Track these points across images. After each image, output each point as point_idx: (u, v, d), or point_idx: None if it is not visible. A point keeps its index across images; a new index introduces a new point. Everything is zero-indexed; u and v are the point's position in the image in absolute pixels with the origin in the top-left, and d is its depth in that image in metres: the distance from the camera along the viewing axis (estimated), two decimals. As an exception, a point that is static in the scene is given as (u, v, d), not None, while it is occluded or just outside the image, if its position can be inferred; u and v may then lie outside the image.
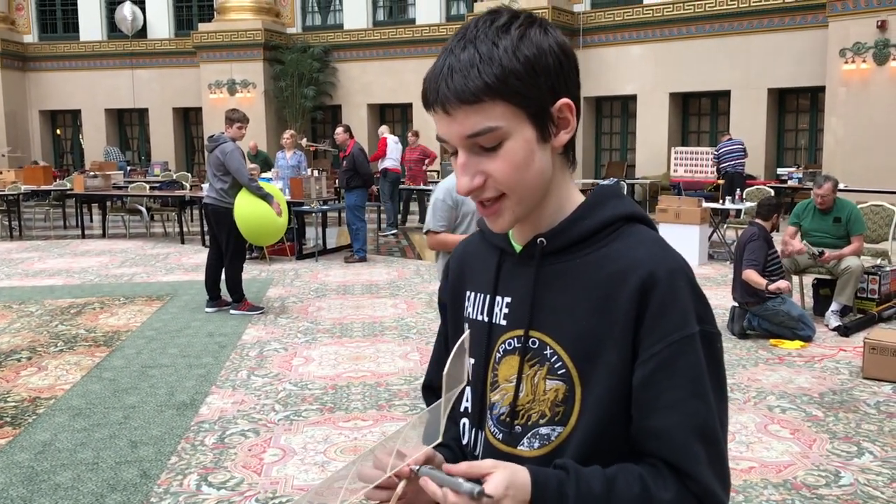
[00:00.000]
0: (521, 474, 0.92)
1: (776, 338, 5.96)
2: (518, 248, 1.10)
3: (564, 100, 1.01)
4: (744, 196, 10.38)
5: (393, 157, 13.15)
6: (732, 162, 13.03)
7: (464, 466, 0.92)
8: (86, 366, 5.54)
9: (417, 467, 0.95)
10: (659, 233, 1.09)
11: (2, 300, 7.92)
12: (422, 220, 14.32)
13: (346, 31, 19.89)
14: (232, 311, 7.14)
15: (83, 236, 13.21)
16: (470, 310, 1.16)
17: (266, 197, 7.03)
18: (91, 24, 21.79)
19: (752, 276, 5.88)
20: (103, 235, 13.26)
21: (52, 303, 7.76)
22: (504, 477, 0.89)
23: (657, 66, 16.62)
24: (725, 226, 10.64)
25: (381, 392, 4.89)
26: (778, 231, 6.43)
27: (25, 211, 15.15)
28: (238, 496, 3.48)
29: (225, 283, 7.18)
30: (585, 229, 1.05)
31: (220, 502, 3.43)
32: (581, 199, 1.10)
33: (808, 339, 5.93)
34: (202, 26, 19.82)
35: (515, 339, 1.08)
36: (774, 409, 4.55)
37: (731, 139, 13.42)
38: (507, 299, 1.10)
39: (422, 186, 13.57)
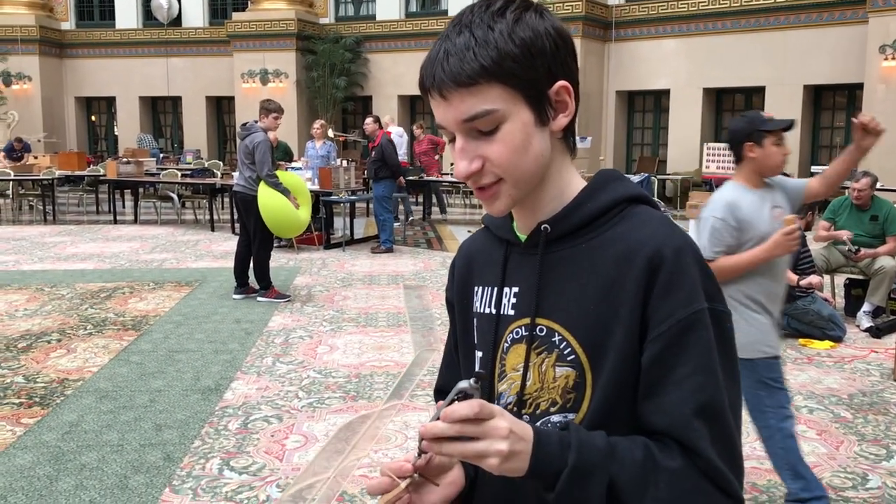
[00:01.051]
0: (521, 421, 0.92)
1: (805, 337, 5.88)
2: (523, 238, 1.10)
3: (562, 82, 1.00)
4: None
5: (399, 151, 13.04)
6: None
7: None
8: (114, 349, 5.61)
9: (416, 476, 0.96)
10: (664, 212, 1.07)
11: (34, 283, 8.05)
12: (442, 210, 14.32)
13: (379, 21, 19.90)
14: (259, 299, 7.20)
15: (115, 222, 13.38)
16: (478, 304, 1.15)
17: (284, 192, 7.07)
18: (127, 12, 22.01)
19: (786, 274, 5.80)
20: (135, 221, 13.42)
21: (83, 286, 7.86)
22: (498, 406, 0.88)
23: (691, 60, 16.43)
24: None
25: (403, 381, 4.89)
26: (811, 230, 6.33)
27: (59, 196, 15.37)
28: (259, 481, 3.51)
29: (253, 271, 7.23)
30: (588, 213, 1.05)
31: (241, 487, 3.46)
32: (583, 184, 1.09)
33: (838, 339, 5.83)
34: (236, 15, 19.94)
35: (523, 328, 1.07)
36: (802, 409, 4.48)
37: None
38: (515, 289, 1.09)
39: (436, 178, 13.55)
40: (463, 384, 0.86)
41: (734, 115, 17.05)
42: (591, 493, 0.90)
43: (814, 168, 14.71)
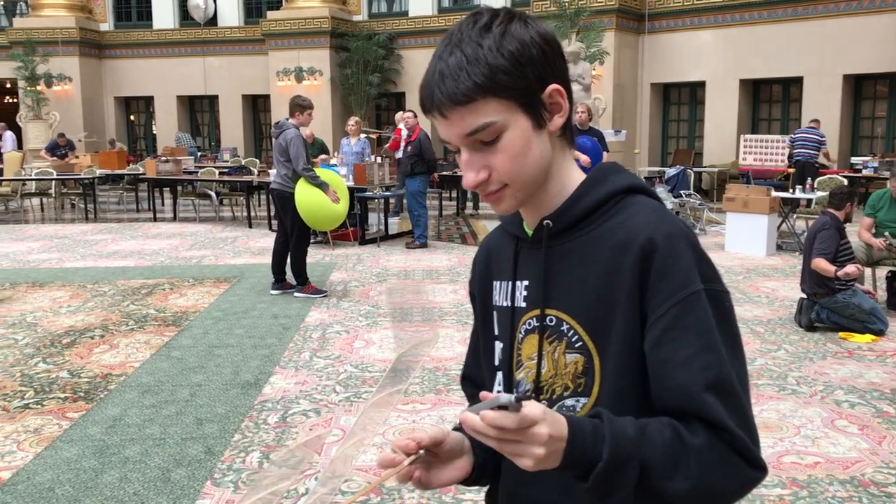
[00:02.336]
0: (557, 413, 0.93)
1: (846, 331, 5.79)
2: (530, 233, 1.16)
3: (553, 85, 1.05)
4: (815, 185, 10.09)
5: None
6: (805, 150, 12.60)
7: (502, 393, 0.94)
8: (155, 344, 5.71)
9: (422, 452, 1.01)
10: (661, 202, 1.12)
11: (77, 280, 8.22)
12: (475, 206, 14.34)
13: (412, 18, 19.95)
14: (296, 294, 7.27)
15: (155, 219, 13.59)
16: (497, 298, 1.22)
17: (321, 185, 7.12)
18: (164, 13, 22.32)
19: (821, 263, 5.73)
20: (174, 219, 13.62)
21: (125, 283, 8.01)
22: (541, 405, 0.90)
23: (727, 51, 16.22)
24: (795, 216, 10.36)
25: (439, 376, 4.92)
26: (850, 221, 6.23)
27: (100, 194, 15.65)
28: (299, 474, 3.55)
29: (290, 267, 7.31)
30: (587, 206, 1.10)
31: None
32: (582, 177, 1.14)
33: (879, 333, 5.74)
34: (271, 14, 20.11)
35: (534, 319, 1.13)
36: (842, 403, 4.43)
37: (813, 128, 12.86)
38: (526, 282, 1.15)
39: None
40: (504, 399, 0.87)
41: (771, 106, 16.83)
42: (625, 482, 0.93)
43: (853, 159, 14.46)
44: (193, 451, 3.82)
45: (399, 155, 12.28)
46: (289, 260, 7.32)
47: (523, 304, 1.15)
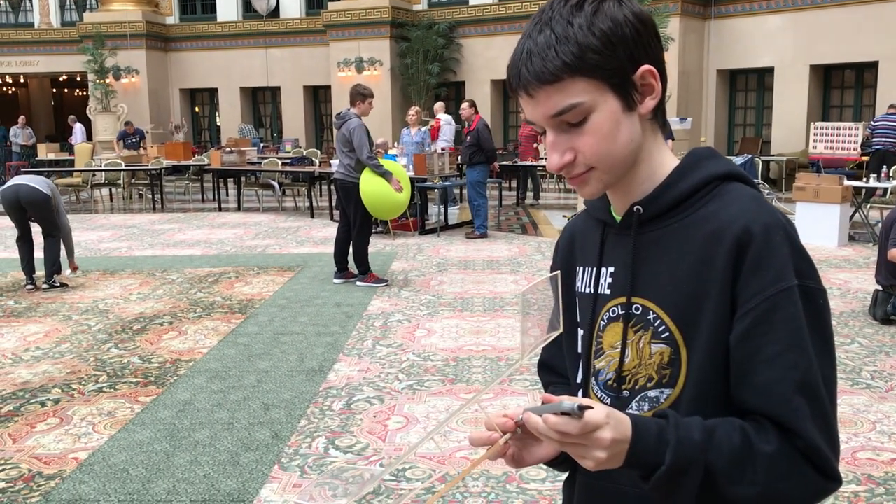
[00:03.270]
0: (623, 414, 0.93)
1: (924, 324, 5.59)
2: (618, 219, 1.12)
3: (645, 66, 1.02)
4: (890, 174, 9.74)
5: (446, 138, 12.90)
6: (887, 138, 12.09)
7: (565, 396, 0.92)
8: (222, 331, 5.82)
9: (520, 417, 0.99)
10: (759, 190, 1.08)
11: (146, 268, 8.43)
12: (536, 196, 14.26)
13: (472, 6, 19.86)
14: (358, 283, 7.33)
15: (219, 209, 13.86)
16: (579, 284, 1.19)
17: (385, 174, 7.15)
18: (227, 6, 22.69)
19: (893, 256, 5.53)
20: (238, 209, 13.86)
21: (192, 271, 8.18)
22: (605, 408, 0.90)
23: (796, 36, 15.74)
24: (869, 205, 10.03)
25: (501, 366, 4.91)
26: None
27: (166, 185, 16.02)
28: (363, 460, 3.59)
29: (352, 256, 7.37)
30: (680, 193, 1.06)
31: (346, 464, 3.54)
32: (675, 163, 1.10)
33: (960, 326, 5.52)
34: (332, 5, 20.26)
35: (619, 307, 1.10)
36: (921, 399, 4.27)
37: (893, 114, 12.35)
38: (611, 269, 1.12)
39: (530, 162, 13.49)
40: (566, 407, 0.87)
41: (843, 92, 16.30)
42: (687, 485, 0.93)
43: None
44: (261, 436, 3.88)
45: (439, 145, 12.23)
46: (351, 249, 7.38)
47: (607, 292, 1.12)
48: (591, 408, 0.88)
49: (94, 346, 5.52)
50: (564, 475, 1.23)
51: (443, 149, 12.32)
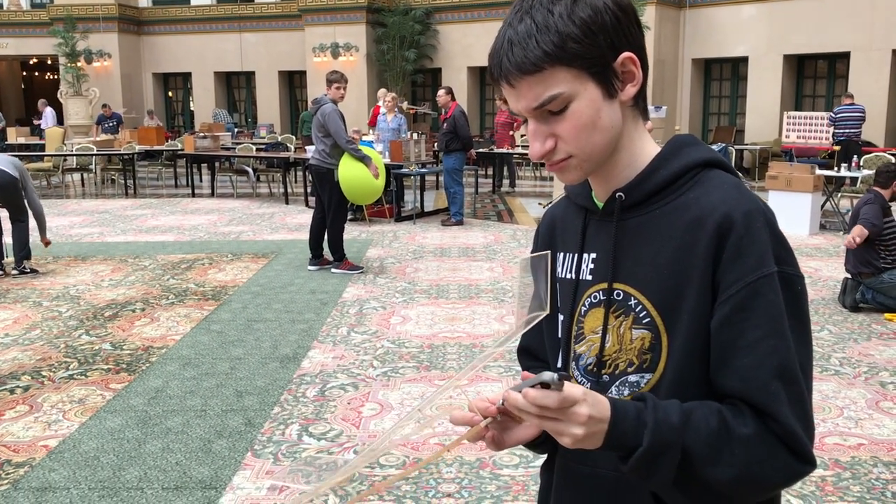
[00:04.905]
0: (601, 396, 0.94)
1: (891, 312, 5.68)
2: (600, 205, 1.13)
3: (626, 53, 1.02)
4: (860, 163, 9.86)
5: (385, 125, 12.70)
6: (849, 129, 12.30)
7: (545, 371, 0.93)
8: (195, 318, 5.78)
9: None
10: (739, 177, 1.08)
11: (118, 254, 8.34)
12: (512, 183, 14.28)
13: (448, -8, 19.78)
14: (333, 270, 7.31)
15: (193, 195, 13.73)
16: (560, 270, 1.19)
17: (364, 159, 7.12)
18: (201, -11, 22.42)
19: (859, 230, 5.62)
20: (212, 195, 13.74)
21: (164, 258, 8.11)
22: (582, 387, 0.91)
23: (771, 26, 15.86)
24: (839, 194, 10.15)
25: (476, 353, 4.92)
26: (895, 201, 6.09)
27: (139, 170, 15.83)
28: (337, 447, 3.59)
29: (327, 243, 7.34)
30: (661, 180, 1.07)
31: (320, 452, 3.54)
32: (656, 150, 1.11)
33: (927, 314, 5.62)
34: (307, -10, 20.09)
35: (600, 292, 1.10)
36: (887, 385, 4.34)
37: (852, 104, 12.58)
38: (593, 255, 1.13)
39: (507, 150, 13.47)
40: (547, 377, 0.88)
41: (816, 82, 16.45)
42: (665, 467, 0.94)
43: (901, 136, 14.11)
44: (234, 423, 3.86)
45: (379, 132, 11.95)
46: (326, 236, 7.35)
47: (589, 277, 1.13)
48: (570, 377, 0.89)
49: (64, 332, 5.46)
50: (539, 461, 1.24)
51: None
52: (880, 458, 3.44)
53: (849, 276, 5.93)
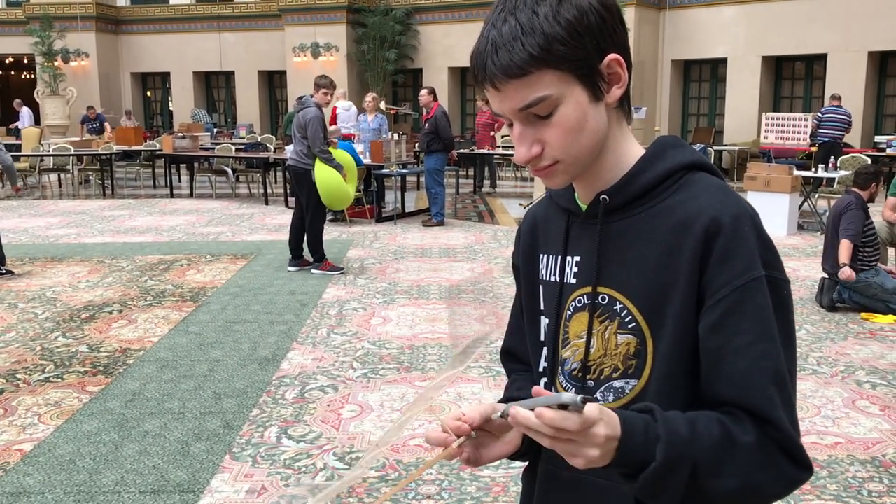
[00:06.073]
0: (611, 411, 0.90)
1: (868, 311, 5.73)
2: (584, 207, 1.11)
3: (612, 55, 1.00)
4: (837, 164, 9.95)
5: (344, 124, 12.64)
6: (834, 131, 12.32)
7: (564, 393, 0.89)
8: (173, 320, 5.73)
9: (474, 433, 1.01)
10: (724, 180, 1.07)
11: (95, 255, 8.26)
12: (493, 184, 14.30)
13: (429, -7, 19.77)
14: (313, 271, 7.27)
15: (171, 195, 13.63)
16: (544, 272, 1.17)
17: (337, 167, 7.13)
18: (180, -12, 22.26)
19: (844, 248, 5.66)
20: (191, 195, 13.65)
21: (142, 259, 8.04)
22: (597, 404, 0.87)
23: (749, 28, 15.98)
24: (817, 195, 10.24)
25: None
26: (874, 201, 6.14)
27: (117, 170, 15.69)
28: (316, 449, 3.56)
29: (307, 244, 7.31)
30: (646, 182, 1.05)
31: (299, 455, 3.52)
32: (640, 152, 1.09)
33: (902, 313, 5.67)
34: (287, -11, 20.00)
35: (585, 297, 1.09)
36: (864, 384, 4.38)
37: (839, 106, 12.58)
38: (577, 258, 1.11)
39: (488, 151, 13.47)
40: (567, 399, 0.83)
41: (794, 84, 16.59)
42: (675, 482, 0.90)
43: (877, 138, 14.26)
44: (212, 426, 3.83)
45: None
46: (306, 236, 7.32)
47: (573, 281, 1.11)
48: (595, 399, 0.86)
49: (40, 334, 5.39)
50: (519, 463, 1.23)
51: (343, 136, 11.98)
52: (856, 457, 3.47)
53: (826, 275, 5.98)
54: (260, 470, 3.37)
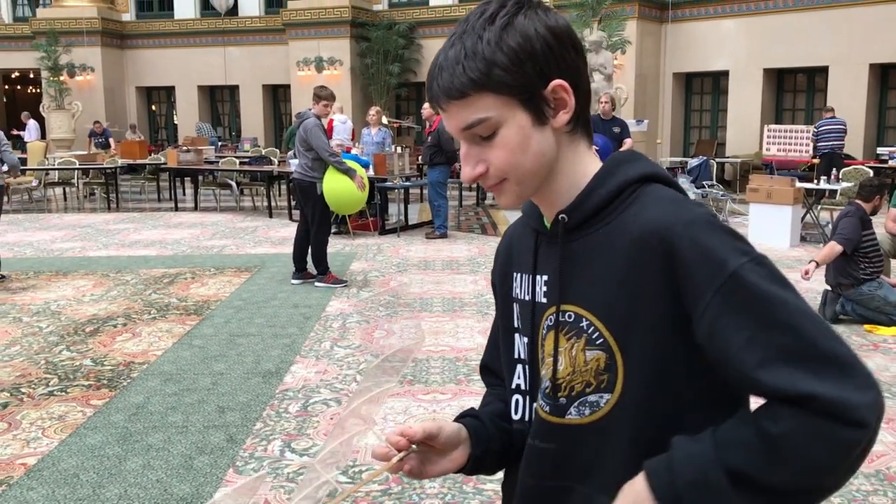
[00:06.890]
0: (637, 483, 0.97)
1: (871, 323, 5.73)
2: (549, 227, 1.13)
3: (557, 81, 1.01)
4: (840, 176, 9.96)
5: (340, 137, 12.64)
6: (832, 142, 12.43)
7: None
8: (177, 333, 5.75)
9: (415, 446, 1.10)
10: (678, 189, 1.07)
11: (99, 269, 8.28)
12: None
13: (432, 7, 19.88)
14: (317, 284, 7.29)
15: (176, 209, 13.67)
16: (518, 290, 1.19)
17: (348, 171, 7.15)
18: (185, 3, 22.39)
19: (831, 248, 5.68)
20: (195, 208, 13.69)
21: (147, 272, 8.07)
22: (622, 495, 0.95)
23: (751, 40, 16.03)
24: (819, 207, 10.24)
25: (459, 367, 4.92)
26: (876, 214, 6.15)
27: (122, 184, 15.76)
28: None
29: (311, 256, 7.33)
30: (600, 199, 1.06)
31: (302, 468, 3.52)
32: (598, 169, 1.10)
33: (906, 325, 5.67)
34: (291, 4, 20.11)
35: (553, 315, 1.10)
36: (867, 396, 4.37)
37: (833, 117, 12.72)
38: (545, 277, 1.12)
39: None
40: None
41: (796, 96, 16.63)
42: (718, 495, 0.92)
43: (879, 150, 14.28)
44: (216, 439, 3.84)
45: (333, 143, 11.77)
46: (310, 249, 7.34)
47: (544, 300, 1.12)
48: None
49: (45, 348, 5.41)
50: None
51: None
52: (861, 470, 3.46)
53: (828, 288, 5.98)
54: (263, 484, 3.37)
